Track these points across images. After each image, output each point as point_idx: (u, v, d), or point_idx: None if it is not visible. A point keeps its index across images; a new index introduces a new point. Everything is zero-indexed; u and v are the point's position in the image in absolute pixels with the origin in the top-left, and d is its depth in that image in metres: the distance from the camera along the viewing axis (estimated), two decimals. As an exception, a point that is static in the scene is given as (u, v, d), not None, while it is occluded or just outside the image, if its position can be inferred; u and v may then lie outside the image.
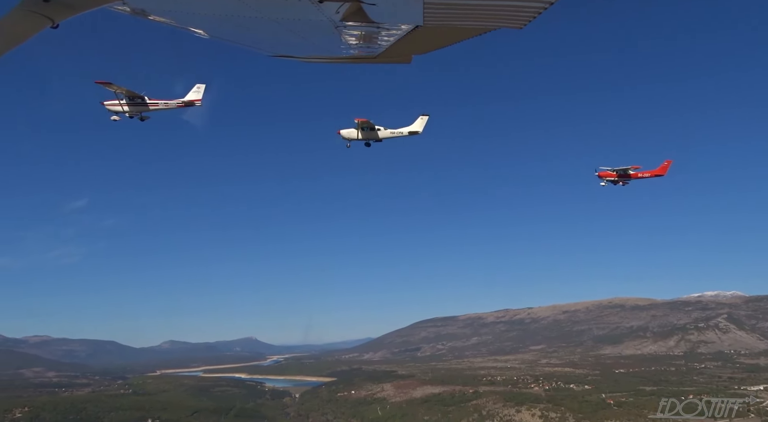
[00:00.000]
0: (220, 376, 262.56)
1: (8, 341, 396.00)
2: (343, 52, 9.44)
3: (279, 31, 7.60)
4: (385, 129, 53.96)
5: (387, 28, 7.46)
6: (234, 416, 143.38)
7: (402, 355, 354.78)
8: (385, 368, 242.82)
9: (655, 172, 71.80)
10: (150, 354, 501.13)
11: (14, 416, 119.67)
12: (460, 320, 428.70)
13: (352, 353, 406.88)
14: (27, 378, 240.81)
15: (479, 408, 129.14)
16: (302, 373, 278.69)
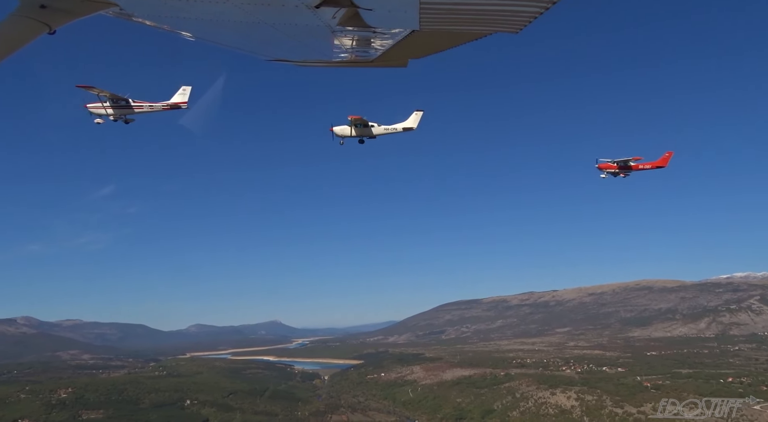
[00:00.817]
0: (249, 359, 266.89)
1: (43, 324, 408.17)
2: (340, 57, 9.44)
3: (275, 36, 7.53)
4: (379, 125, 53.17)
5: (383, 32, 7.39)
6: (268, 397, 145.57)
7: (427, 338, 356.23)
8: (411, 351, 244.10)
9: (656, 163, 70.98)
10: (178, 337, 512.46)
11: (60, 396, 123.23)
12: (484, 303, 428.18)
13: (377, 336, 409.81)
14: (64, 360, 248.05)
15: (512, 391, 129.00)
16: (329, 356, 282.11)
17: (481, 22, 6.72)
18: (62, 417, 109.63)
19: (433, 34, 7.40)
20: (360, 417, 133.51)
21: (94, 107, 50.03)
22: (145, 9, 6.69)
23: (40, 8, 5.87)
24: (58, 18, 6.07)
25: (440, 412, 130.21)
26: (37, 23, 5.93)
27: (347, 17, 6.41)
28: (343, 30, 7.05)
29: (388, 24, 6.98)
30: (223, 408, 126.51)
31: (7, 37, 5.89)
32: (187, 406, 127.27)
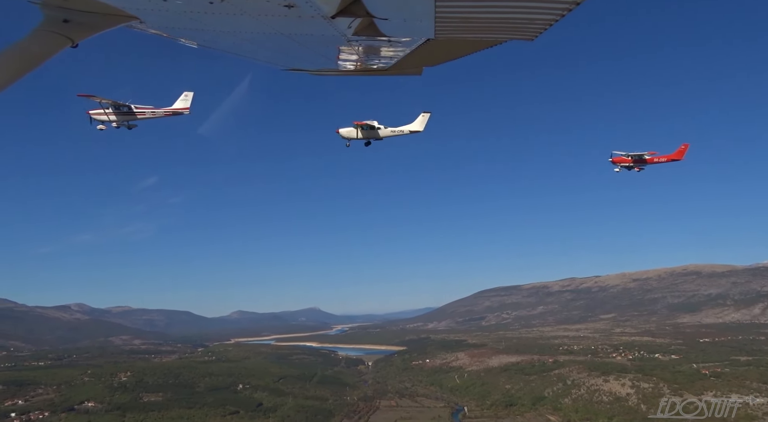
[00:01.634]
0: (293, 345, 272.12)
1: (95, 311, 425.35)
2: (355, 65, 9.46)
3: (291, 46, 7.58)
4: (386, 128, 52.92)
5: (398, 41, 7.35)
6: (317, 382, 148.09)
7: (467, 324, 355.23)
8: (453, 337, 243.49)
9: (671, 156, 69.58)
10: (221, 323, 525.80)
11: (120, 379, 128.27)
12: (524, 289, 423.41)
13: (416, 322, 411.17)
14: (117, 346, 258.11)
15: (563, 378, 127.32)
16: (371, 342, 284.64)
17: (496, 30, 6.68)
18: (125, 399, 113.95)
19: (448, 42, 7.38)
20: (408, 403, 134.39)
21: (97, 113, 50.75)
22: (165, 22, 6.73)
23: (63, 22, 6.08)
24: (80, 32, 6.27)
25: (489, 398, 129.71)
26: (60, 37, 6.14)
27: (362, 27, 6.43)
28: (359, 39, 7.03)
29: (403, 33, 6.94)
30: (275, 393, 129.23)
31: (33, 50, 6.10)
32: (239, 390, 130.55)
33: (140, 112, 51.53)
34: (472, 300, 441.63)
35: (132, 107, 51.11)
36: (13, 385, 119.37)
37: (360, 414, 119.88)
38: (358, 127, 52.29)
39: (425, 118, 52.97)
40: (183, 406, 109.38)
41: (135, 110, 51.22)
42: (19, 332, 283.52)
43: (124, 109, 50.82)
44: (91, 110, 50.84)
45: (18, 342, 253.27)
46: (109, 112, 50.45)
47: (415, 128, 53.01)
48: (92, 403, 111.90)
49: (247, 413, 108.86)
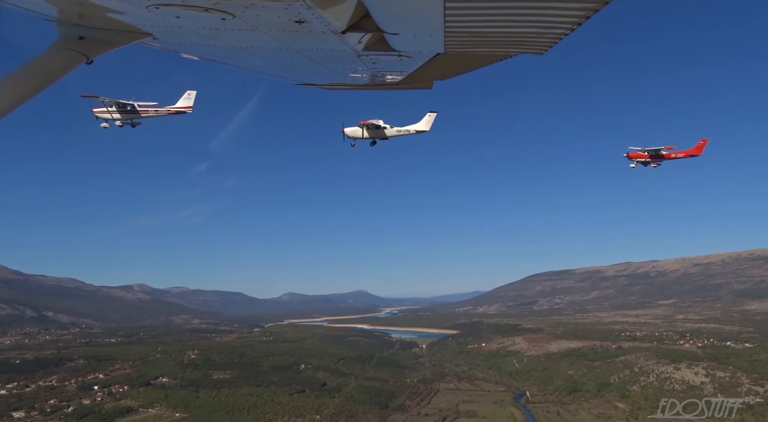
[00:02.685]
0: (345, 326, 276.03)
1: (155, 291, 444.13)
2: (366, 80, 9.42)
3: (302, 61, 7.64)
4: (392, 127, 52.32)
5: (408, 56, 7.28)
6: (375, 364, 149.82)
7: (518, 309, 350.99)
8: (507, 322, 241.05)
9: (689, 151, 68.29)
10: (272, 304, 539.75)
11: (190, 357, 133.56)
12: (577, 274, 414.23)
13: (466, 306, 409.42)
14: (178, 325, 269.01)
15: (629, 364, 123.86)
16: (422, 325, 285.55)
17: (506, 44, 6.62)
18: (196, 375, 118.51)
19: (459, 56, 7.31)
20: (467, 386, 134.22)
21: (100, 112, 51.13)
22: (178, 38, 6.80)
23: (79, 39, 6.23)
24: (95, 48, 6.41)
25: (551, 384, 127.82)
26: (75, 54, 6.30)
27: (373, 42, 6.46)
28: (369, 54, 7.04)
29: (413, 48, 6.93)
30: (336, 374, 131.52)
31: (49, 67, 6.26)
32: (302, 370, 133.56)
33: (144, 110, 52.10)
34: (522, 284, 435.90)
35: (135, 105, 51.61)
36: (93, 360, 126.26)
37: (421, 397, 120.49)
38: (364, 127, 51.99)
39: (431, 117, 52.56)
40: (251, 384, 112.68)
41: (138, 108, 51.81)
42: (88, 310, 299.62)
43: (128, 107, 51.46)
44: (95, 108, 51.50)
45: (88, 320, 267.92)
46: (112, 110, 51.11)
47: (422, 128, 52.67)
48: (166, 378, 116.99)
49: (312, 392, 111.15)
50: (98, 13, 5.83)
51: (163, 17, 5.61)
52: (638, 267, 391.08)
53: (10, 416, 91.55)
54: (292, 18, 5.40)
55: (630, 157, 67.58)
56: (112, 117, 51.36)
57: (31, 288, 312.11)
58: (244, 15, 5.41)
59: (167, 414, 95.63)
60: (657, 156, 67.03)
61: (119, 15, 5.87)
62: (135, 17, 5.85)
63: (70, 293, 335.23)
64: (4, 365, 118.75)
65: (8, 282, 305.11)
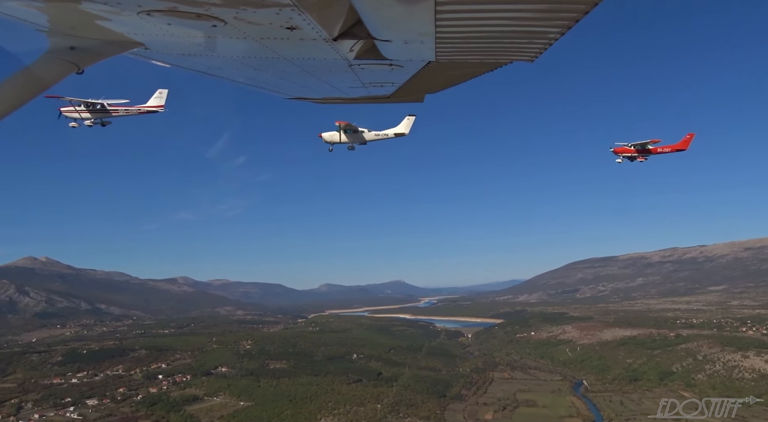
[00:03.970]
0: (388, 316, 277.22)
1: (198, 284, 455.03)
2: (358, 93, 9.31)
3: (294, 72, 7.53)
4: (369, 131, 52.03)
5: (399, 65, 7.20)
6: (426, 354, 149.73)
7: (560, 297, 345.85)
8: (552, 310, 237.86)
9: (676, 146, 68.59)
10: (311, 295, 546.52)
11: (245, 347, 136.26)
12: (620, 260, 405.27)
13: (506, 295, 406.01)
14: (224, 316, 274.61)
15: (691, 353, 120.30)
16: (464, 315, 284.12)
17: (497, 51, 6.56)
18: (253, 365, 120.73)
19: (449, 66, 7.26)
20: (521, 375, 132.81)
21: (68, 111, 49.92)
22: (169, 48, 6.67)
23: (70, 49, 6.17)
24: (86, 58, 6.33)
25: (609, 373, 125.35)
26: (67, 63, 6.23)
27: (364, 50, 6.42)
28: (360, 63, 6.93)
29: (404, 56, 6.80)
30: (389, 363, 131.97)
31: (40, 76, 6.21)
32: (354, 360, 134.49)
33: (114, 109, 51.09)
34: (563, 272, 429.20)
35: (105, 104, 50.55)
36: (154, 350, 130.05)
37: (477, 386, 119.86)
38: (341, 129, 51.53)
39: (410, 120, 52.15)
40: (308, 373, 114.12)
41: (108, 107, 50.75)
42: (137, 302, 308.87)
43: (97, 106, 50.33)
44: (62, 107, 50.24)
45: (138, 312, 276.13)
46: (81, 109, 49.93)
47: (401, 131, 52.23)
48: (225, 368, 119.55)
49: (369, 382, 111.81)
50: (89, 22, 5.68)
51: (154, 25, 5.50)
52: (685, 252, 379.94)
53: (85, 403, 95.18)
54: (283, 24, 5.23)
55: (616, 152, 67.63)
56: (81, 116, 50.23)
57: (83, 282, 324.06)
58: (235, 22, 5.24)
59: (232, 403, 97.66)
60: (643, 150, 67.33)
61: (110, 24, 5.72)
62: (126, 26, 5.74)
63: (119, 286, 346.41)
64: (73, 355, 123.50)
65: (63, 276, 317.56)
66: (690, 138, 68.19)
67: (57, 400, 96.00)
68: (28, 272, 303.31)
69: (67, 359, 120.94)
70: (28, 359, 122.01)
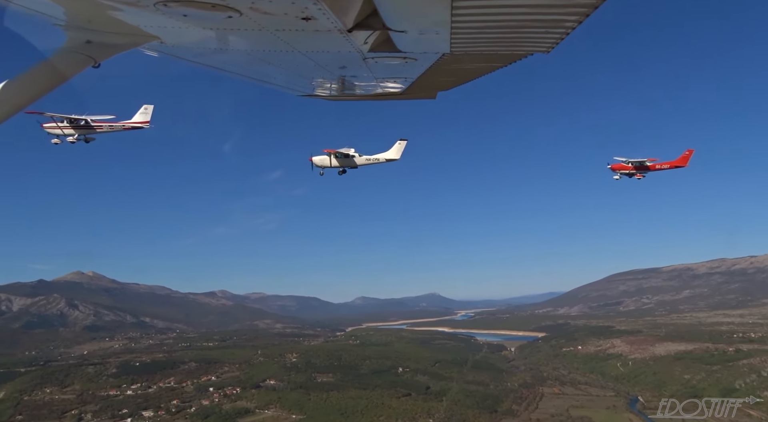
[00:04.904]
0: (426, 330, 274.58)
1: (236, 297, 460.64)
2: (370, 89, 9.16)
3: (309, 67, 7.44)
4: (360, 155, 52.35)
5: (414, 58, 7.11)
6: (471, 367, 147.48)
7: (603, 310, 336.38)
8: (596, 323, 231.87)
9: (674, 163, 67.93)
10: (346, 308, 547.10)
11: (290, 360, 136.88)
12: (664, 272, 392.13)
13: (545, 307, 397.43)
14: (263, 329, 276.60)
15: (755, 368, 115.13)
16: (504, 328, 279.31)
17: (512, 42, 6.39)
18: (301, 378, 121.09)
19: (463, 59, 7.14)
20: (572, 390, 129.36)
21: (51, 128, 49.14)
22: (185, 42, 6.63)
23: (86, 43, 6.22)
24: (102, 52, 6.38)
25: (666, 388, 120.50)
26: (83, 57, 6.28)
27: (379, 42, 6.34)
28: (375, 56, 6.84)
29: (419, 47, 6.68)
30: (436, 377, 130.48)
31: (57, 70, 6.29)
32: (400, 373, 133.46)
33: (98, 125, 50.36)
34: (604, 284, 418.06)
35: (89, 120, 49.80)
36: (203, 363, 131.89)
37: (527, 401, 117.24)
38: (331, 155, 52.07)
39: (402, 145, 52.33)
40: (356, 387, 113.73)
41: (92, 123, 49.99)
42: (179, 316, 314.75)
43: (80, 122, 49.62)
44: (45, 124, 49.39)
45: (181, 325, 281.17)
46: (63, 125, 49.11)
47: (392, 156, 52.47)
48: (273, 381, 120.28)
49: (418, 396, 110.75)
50: (105, 15, 5.73)
51: (170, 17, 5.46)
52: (734, 263, 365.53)
53: (141, 415, 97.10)
54: (298, 14, 5.18)
55: (613, 169, 67.19)
56: (64, 132, 49.40)
57: (128, 296, 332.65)
58: (251, 12, 5.17)
59: (284, 416, 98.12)
60: (642, 167, 67.03)
61: (126, 16, 5.75)
62: (142, 19, 5.73)
63: (161, 300, 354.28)
64: (126, 367, 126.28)
65: (108, 290, 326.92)
66: (689, 154, 67.39)
67: (115, 411, 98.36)
68: (77, 286, 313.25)
69: (121, 371, 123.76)
70: (84, 371, 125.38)
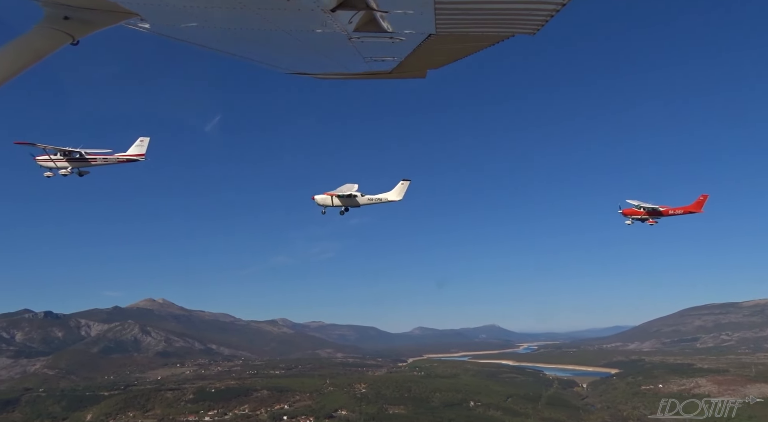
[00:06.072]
0: (491, 362, 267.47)
1: (296, 325, 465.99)
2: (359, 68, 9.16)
3: (293, 45, 7.40)
4: (363, 195, 52.67)
5: (400, 37, 7.04)
6: (546, 404, 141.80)
7: (678, 346, 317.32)
8: (673, 360, 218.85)
9: (689, 208, 66.36)
10: (404, 339, 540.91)
11: (359, 390, 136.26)
12: (744, 307, 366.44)
13: (612, 342, 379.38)
14: (325, 358, 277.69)
15: None
16: (573, 362, 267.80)
17: (497, 23, 6.44)
18: (372, 410, 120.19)
19: (450, 39, 7.17)
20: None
21: (44, 160, 47.26)
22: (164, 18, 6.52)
23: (64, 19, 6.08)
24: (80, 29, 6.23)
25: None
26: (61, 34, 6.13)
27: (364, 22, 6.24)
28: (360, 35, 6.75)
29: (404, 27, 6.61)
30: (510, 413, 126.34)
31: (33, 47, 6.10)
32: (472, 407, 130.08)
33: (92, 158, 48.18)
34: (677, 318, 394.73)
35: (83, 153, 47.78)
36: (274, 391, 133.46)
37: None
38: (333, 196, 52.72)
39: (404, 186, 52.50)
40: (430, 420, 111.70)
41: (87, 156, 47.87)
42: (243, 343, 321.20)
43: (75, 155, 47.52)
44: (38, 156, 47.25)
45: (245, 352, 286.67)
46: (57, 158, 46.97)
47: (393, 198, 52.79)
48: (345, 411, 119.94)
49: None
50: None
51: None
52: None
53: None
54: None
55: (625, 214, 65.56)
56: (56, 166, 47.30)
57: (194, 323, 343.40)
58: None
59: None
60: (654, 213, 65.43)
61: None
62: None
63: (226, 327, 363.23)
64: (202, 393, 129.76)
65: (177, 317, 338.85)
66: (703, 199, 65.47)
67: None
68: (148, 313, 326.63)
69: (198, 397, 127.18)
70: (163, 396, 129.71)
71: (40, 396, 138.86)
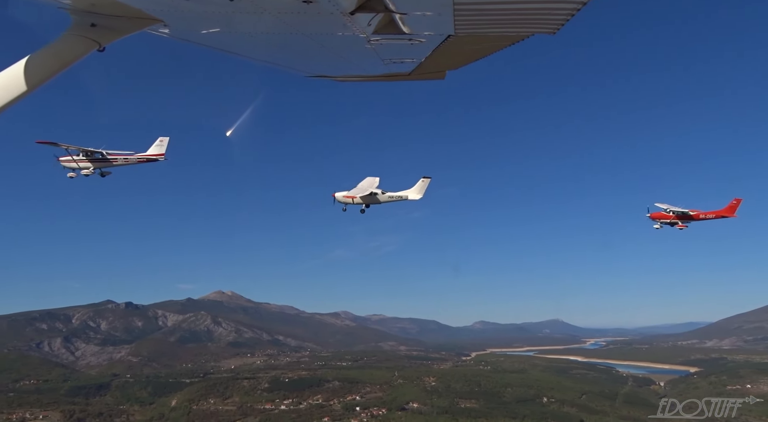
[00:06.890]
0: (559, 357, 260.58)
1: (358, 318, 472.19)
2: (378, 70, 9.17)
3: (313, 48, 7.46)
4: (384, 193, 52.59)
5: (418, 39, 7.08)
6: (623, 402, 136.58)
7: (763, 344, 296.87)
8: (760, 359, 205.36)
9: (720, 212, 64.22)
10: (465, 333, 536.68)
11: (429, 384, 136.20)
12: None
13: (687, 339, 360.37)
14: (388, 351, 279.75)
15: None
16: (646, 360, 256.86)
17: (517, 23, 6.46)
18: (443, 403, 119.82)
19: (469, 40, 7.15)
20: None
21: (66, 161, 47.82)
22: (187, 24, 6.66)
23: (91, 27, 6.35)
24: (107, 35, 6.46)
25: None
26: (88, 41, 6.38)
27: (382, 24, 6.31)
28: (379, 38, 6.79)
29: (423, 28, 6.69)
30: (586, 410, 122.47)
31: (62, 54, 6.37)
32: (545, 403, 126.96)
33: (113, 158, 48.84)
34: (760, 314, 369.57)
35: (104, 153, 48.50)
36: (345, 382, 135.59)
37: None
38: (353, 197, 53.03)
39: (425, 183, 52.30)
40: (504, 415, 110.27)
41: (108, 156, 48.55)
42: (308, 334, 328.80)
43: (97, 155, 48.23)
44: (61, 157, 48.20)
45: (311, 344, 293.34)
46: (79, 158, 47.73)
47: (413, 196, 52.88)
48: (416, 404, 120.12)
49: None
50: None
51: None
52: None
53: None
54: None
55: (653, 218, 64.18)
56: (79, 166, 47.98)
57: (262, 315, 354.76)
58: None
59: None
60: (684, 217, 63.96)
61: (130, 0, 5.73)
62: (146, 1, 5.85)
63: (291, 319, 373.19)
64: (277, 383, 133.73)
65: (245, 309, 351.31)
66: (737, 203, 63.63)
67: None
68: (218, 305, 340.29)
69: (273, 386, 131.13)
70: (240, 384, 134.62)
71: (128, 381, 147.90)
